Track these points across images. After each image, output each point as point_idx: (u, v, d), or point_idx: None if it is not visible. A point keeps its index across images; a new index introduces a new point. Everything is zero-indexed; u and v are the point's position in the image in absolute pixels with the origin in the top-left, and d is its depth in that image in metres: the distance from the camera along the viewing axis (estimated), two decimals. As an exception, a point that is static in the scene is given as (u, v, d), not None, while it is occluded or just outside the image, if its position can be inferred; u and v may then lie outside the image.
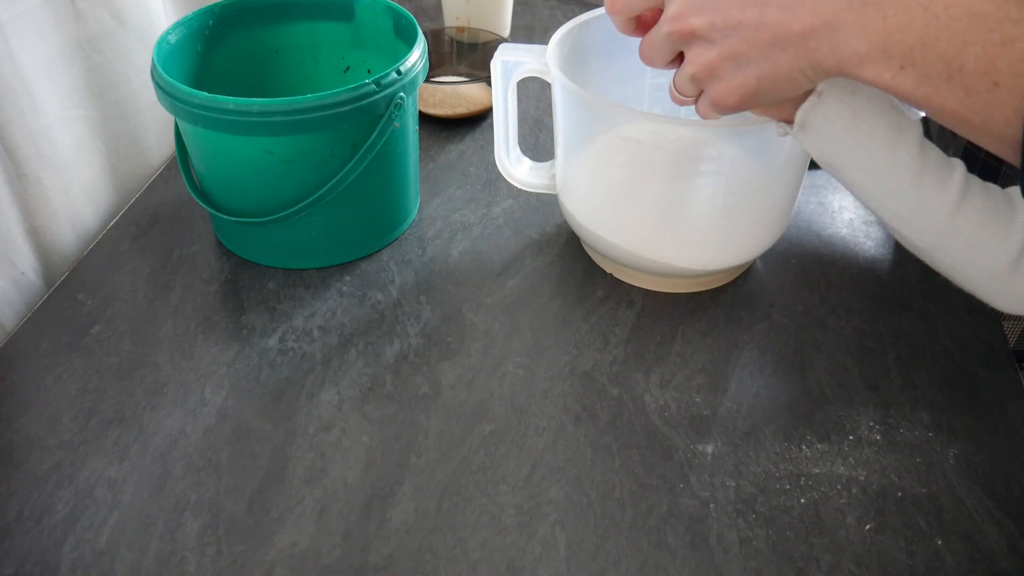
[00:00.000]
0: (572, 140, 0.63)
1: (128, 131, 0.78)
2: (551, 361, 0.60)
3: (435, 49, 0.90)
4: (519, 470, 0.53)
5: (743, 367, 0.60)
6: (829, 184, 0.76)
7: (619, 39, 0.52)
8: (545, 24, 1.04)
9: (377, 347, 0.61)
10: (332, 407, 0.57)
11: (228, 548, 0.49)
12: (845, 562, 0.48)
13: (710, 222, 0.61)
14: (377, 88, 0.60)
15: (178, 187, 0.77)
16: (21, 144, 0.65)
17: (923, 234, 0.46)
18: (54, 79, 0.69)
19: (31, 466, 0.54)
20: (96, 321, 0.64)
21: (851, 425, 0.56)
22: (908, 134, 0.45)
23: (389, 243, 0.71)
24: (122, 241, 0.72)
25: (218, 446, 0.55)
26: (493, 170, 0.72)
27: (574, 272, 0.68)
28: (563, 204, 0.67)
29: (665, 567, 0.48)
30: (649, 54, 0.48)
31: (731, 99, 0.44)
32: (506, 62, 0.62)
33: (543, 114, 0.88)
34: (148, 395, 0.58)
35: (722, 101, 0.44)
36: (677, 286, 0.66)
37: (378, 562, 0.48)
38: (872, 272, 0.68)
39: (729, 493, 0.52)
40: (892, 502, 0.51)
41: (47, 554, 0.49)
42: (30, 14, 0.65)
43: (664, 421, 0.56)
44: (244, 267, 0.69)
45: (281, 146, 0.61)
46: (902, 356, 0.60)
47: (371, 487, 0.52)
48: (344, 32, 0.74)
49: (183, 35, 0.68)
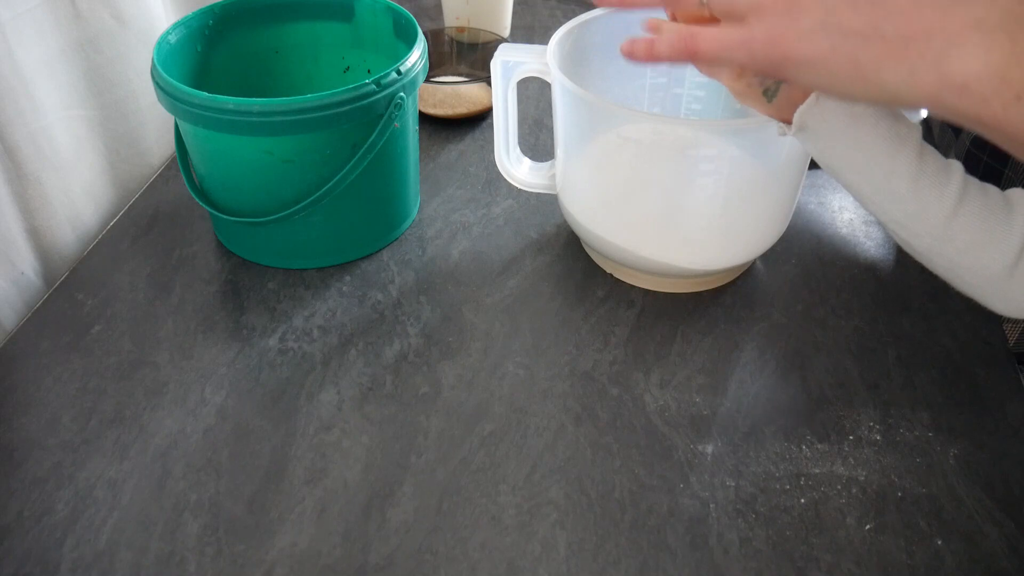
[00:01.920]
0: (572, 140, 0.63)
1: (128, 131, 0.78)
2: (551, 361, 0.60)
3: (435, 49, 0.90)
4: (519, 470, 0.53)
5: (743, 367, 0.60)
6: (829, 184, 0.76)
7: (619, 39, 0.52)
8: (545, 24, 1.04)
9: (377, 347, 0.61)
10: (332, 407, 0.57)
11: (228, 548, 0.49)
12: (845, 562, 0.48)
13: (710, 222, 0.61)
14: (377, 88, 0.60)
15: (178, 187, 0.77)
16: (21, 144, 0.65)
17: (921, 237, 0.46)
18: (54, 79, 0.69)
19: (31, 466, 0.54)
20: (96, 321, 0.64)
21: (851, 425, 0.56)
22: (907, 139, 0.45)
23: (389, 243, 0.71)
24: (122, 241, 0.72)
25: (218, 446, 0.55)
26: (493, 170, 0.72)
27: (574, 272, 0.68)
28: (563, 204, 0.67)
29: (665, 567, 0.48)
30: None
31: (783, 50, 0.38)
32: (506, 62, 0.62)
33: (543, 114, 0.88)
34: (148, 395, 0.58)
35: (771, 44, 0.38)
36: (677, 286, 0.66)
37: (378, 562, 0.48)
38: (872, 272, 0.68)
39: (729, 493, 0.52)
40: (892, 502, 0.51)
41: (47, 554, 0.49)
42: (30, 14, 0.65)
43: (664, 421, 0.56)
44: (244, 267, 0.69)
45: (281, 146, 0.61)
46: (902, 356, 0.60)
47: (371, 487, 0.52)
48: (344, 32, 0.74)
49: (183, 35, 0.68)
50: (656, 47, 0.42)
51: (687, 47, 0.41)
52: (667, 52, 0.42)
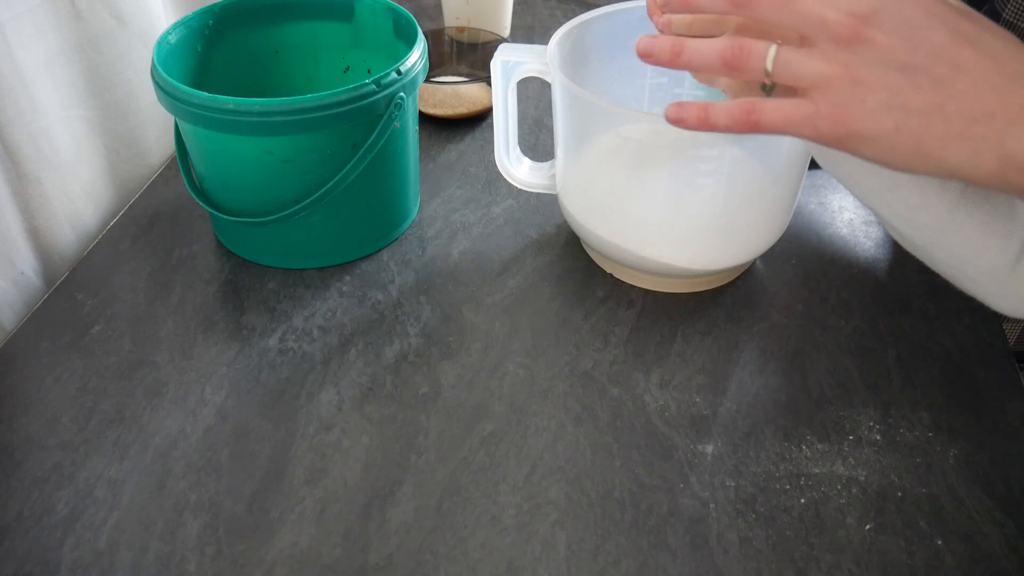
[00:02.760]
0: (572, 140, 0.63)
1: (128, 131, 0.78)
2: (551, 361, 0.60)
3: (435, 49, 0.90)
4: (519, 470, 0.53)
5: (743, 367, 0.60)
6: (829, 184, 0.76)
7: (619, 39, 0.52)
8: (545, 24, 1.04)
9: (377, 347, 0.61)
10: (332, 407, 0.57)
11: (228, 548, 0.49)
12: (845, 562, 0.48)
13: (710, 222, 0.61)
14: (377, 88, 0.60)
15: (178, 187, 0.77)
16: (21, 144, 0.65)
17: (922, 231, 0.46)
18: (54, 79, 0.69)
19: (31, 466, 0.54)
20: (96, 321, 0.64)
21: (851, 425, 0.56)
22: None
23: (389, 243, 0.71)
24: (122, 241, 0.72)
25: (218, 446, 0.55)
26: (493, 170, 0.72)
27: (574, 272, 0.68)
28: (563, 204, 0.67)
29: (665, 567, 0.48)
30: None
31: (849, 127, 0.37)
32: (506, 62, 0.62)
33: (543, 114, 0.88)
34: (148, 395, 0.58)
35: (836, 121, 0.37)
36: (677, 286, 0.66)
37: (378, 562, 0.48)
38: (872, 272, 0.68)
39: (729, 493, 0.52)
40: (892, 502, 0.51)
41: (47, 554, 0.49)
42: (30, 14, 0.65)
43: (664, 421, 0.56)
44: (244, 267, 0.69)
45: (281, 146, 0.61)
46: (902, 356, 0.60)
47: (371, 487, 0.52)
48: (344, 32, 0.74)
49: (183, 35, 0.68)
50: (712, 117, 0.40)
51: (749, 120, 0.39)
52: (725, 123, 0.40)
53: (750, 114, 0.39)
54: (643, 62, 0.43)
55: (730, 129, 0.40)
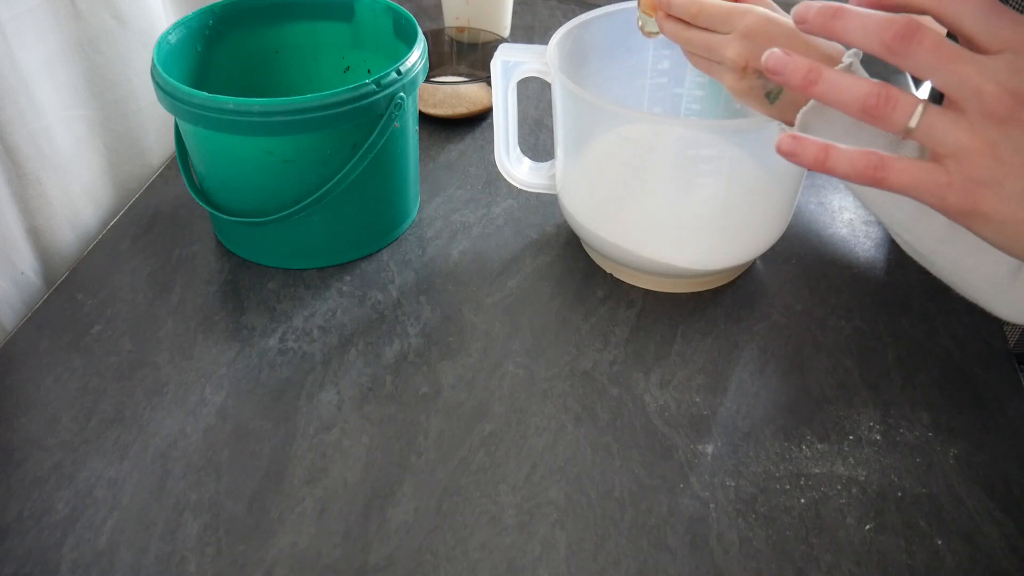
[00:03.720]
0: (572, 140, 0.63)
1: (128, 131, 0.78)
2: (551, 361, 0.60)
3: (435, 49, 0.90)
4: (519, 470, 0.53)
5: (743, 367, 0.60)
6: (829, 184, 0.76)
7: (619, 39, 0.52)
8: (545, 24, 1.04)
9: (377, 347, 0.61)
10: (332, 407, 0.57)
11: (228, 548, 0.49)
12: (845, 562, 0.48)
13: (710, 222, 0.61)
14: (377, 88, 0.60)
15: (178, 187, 0.77)
16: (21, 144, 0.65)
17: (923, 239, 0.46)
18: (54, 79, 0.69)
19: (31, 466, 0.54)
20: (96, 321, 0.64)
21: (851, 425, 0.56)
22: (909, 140, 0.44)
23: (389, 243, 0.71)
24: (122, 241, 0.72)
25: (218, 446, 0.55)
26: (493, 170, 0.72)
27: (574, 272, 0.68)
28: (563, 204, 0.67)
29: (665, 567, 0.48)
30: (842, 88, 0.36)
31: (978, 205, 0.36)
32: (506, 62, 0.62)
33: (543, 114, 0.88)
34: (148, 395, 0.58)
35: (967, 197, 0.36)
36: (677, 286, 0.66)
37: (378, 562, 0.48)
38: (872, 272, 0.68)
39: (729, 493, 0.52)
40: (892, 502, 0.51)
41: (47, 554, 0.49)
42: (30, 14, 0.65)
43: (664, 421, 0.56)
44: (244, 267, 0.69)
45: (281, 146, 0.61)
46: (902, 356, 0.60)
47: (371, 487, 0.52)
48: (344, 32, 0.74)
49: (183, 35, 0.68)
50: (831, 160, 0.37)
51: (875, 176, 0.37)
52: (844, 170, 0.37)
53: (877, 169, 0.36)
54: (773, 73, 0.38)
55: (848, 177, 0.37)
